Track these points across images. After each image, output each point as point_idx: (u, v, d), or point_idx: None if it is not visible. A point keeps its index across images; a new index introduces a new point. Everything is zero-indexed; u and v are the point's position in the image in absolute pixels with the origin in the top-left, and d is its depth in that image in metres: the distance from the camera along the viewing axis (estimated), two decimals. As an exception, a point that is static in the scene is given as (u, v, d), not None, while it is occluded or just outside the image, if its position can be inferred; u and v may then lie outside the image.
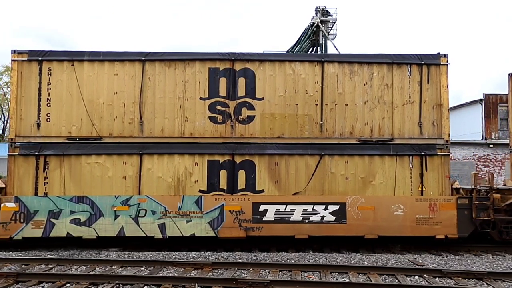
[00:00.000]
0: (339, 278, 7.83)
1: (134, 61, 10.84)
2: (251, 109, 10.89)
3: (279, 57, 10.95)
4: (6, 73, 45.69)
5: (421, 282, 7.69)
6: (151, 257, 9.34)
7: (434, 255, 10.44)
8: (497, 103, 27.82)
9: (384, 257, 9.70)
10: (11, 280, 7.38)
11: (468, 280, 7.77)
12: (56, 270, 8.28)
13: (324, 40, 30.96)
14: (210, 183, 10.73)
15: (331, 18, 30.96)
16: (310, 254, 9.98)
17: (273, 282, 7.18)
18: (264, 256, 9.58)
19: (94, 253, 10.14)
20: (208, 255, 9.68)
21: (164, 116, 10.81)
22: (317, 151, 10.80)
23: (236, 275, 7.84)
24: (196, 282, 7.27)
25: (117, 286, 7.29)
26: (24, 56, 10.72)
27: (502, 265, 9.12)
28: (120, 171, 10.64)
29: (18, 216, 10.33)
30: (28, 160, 10.54)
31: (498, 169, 26.53)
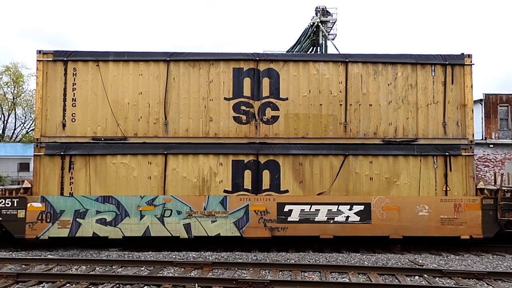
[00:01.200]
0: (339, 278, 7.91)
1: (158, 61, 10.99)
2: (275, 109, 11.02)
3: (303, 57, 11.09)
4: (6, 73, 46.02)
5: (421, 282, 7.76)
6: (151, 257, 9.42)
7: (434, 255, 10.54)
8: (497, 103, 27.88)
9: (384, 257, 9.80)
10: (11, 280, 7.44)
11: (468, 280, 7.85)
12: (56, 270, 8.36)
13: (324, 40, 31.11)
14: (235, 183, 10.87)
15: (331, 18, 31.12)
16: (310, 254, 10.07)
17: (273, 282, 7.24)
18: (264, 256, 9.67)
19: (94, 253, 10.24)
20: (208, 255, 9.76)
21: (189, 116, 10.95)
22: (341, 151, 10.93)
23: (236, 275, 7.91)
24: (196, 282, 7.33)
25: (117, 286, 7.34)
26: (49, 57, 10.88)
27: (502, 265, 9.21)
28: (145, 171, 10.78)
29: (44, 216, 10.49)
30: (54, 160, 10.69)
31: (498, 169, 26.66)
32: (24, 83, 47.20)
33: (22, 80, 46.32)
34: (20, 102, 45.49)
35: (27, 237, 10.42)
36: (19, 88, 45.08)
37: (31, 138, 48.00)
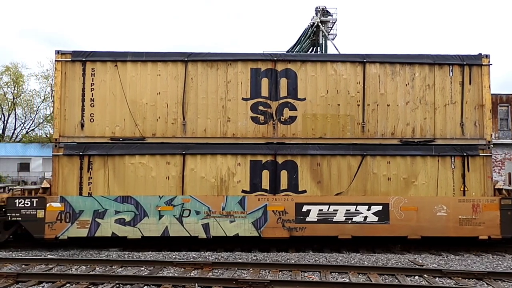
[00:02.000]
0: (339, 278, 7.95)
1: (176, 61, 11.09)
2: (293, 109, 11.12)
3: (320, 57, 11.19)
4: (6, 73, 46.22)
5: (421, 282, 7.79)
6: (151, 257, 9.47)
7: (434, 255, 10.60)
8: (497, 103, 27.98)
9: (384, 257, 9.86)
10: (11, 280, 7.48)
11: (468, 280, 7.88)
12: (56, 270, 8.40)
13: (324, 40, 31.27)
14: (253, 183, 10.97)
15: (331, 18, 31.27)
16: (310, 254, 10.14)
17: (273, 282, 7.28)
18: (264, 256, 9.72)
19: (94, 253, 10.31)
20: (208, 255, 9.82)
21: (207, 116, 11.06)
22: (359, 152, 11.02)
23: (236, 275, 7.95)
24: (196, 282, 7.36)
25: (117, 286, 7.38)
26: (68, 57, 10.98)
27: (502, 265, 9.26)
28: (163, 171, 10.89)
29: (63, 216, 10.60)
30: (73, 160, 10.81)
31: (498, 169, 26.81)
32: (24, 83, 47.48)
33: (22, 80, 46.56)
34: (20, 102, 45.73)
35: (46, 237, 10.53)
36: (19, 88, 45.37)
37: (31, 138, 48.29)
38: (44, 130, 49.67)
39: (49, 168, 43.44)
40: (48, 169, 44.18)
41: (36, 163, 44.35)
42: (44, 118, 48.86)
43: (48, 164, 43.73)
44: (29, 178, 39.77)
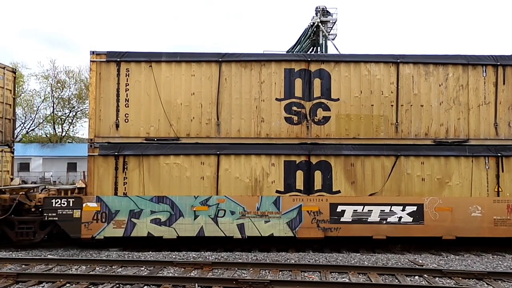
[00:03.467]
0: (339, 278, 8.07)
1: (210, 62, 11.32)
2: (327, 110, 11.36)
3: (354, 58, 11.39)
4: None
5: (421, 282, 7.91)
6: (151, 257, 9.61)
7: (434, 255, 10.76)
8: None
9: (384, 257, 10.02)
10: (11, 280, 7.60)
11: (468, 280, 8.00)
12: (56, 270, 8.52)
13: (324, 40, 31.55)
14: (287, 183, 11.19)
15: (331, 18, 31.53)
16: (310, 254, 10.30)
17: (273, 282, 7.39)
18: (264, 256, 9.87)
19: (94, 253, 10.50)
20: (208, 255, 9.97)
21: (241, 117, 11.30)
22: (393, 152, 11.23)
23: (236, 275, 8.06)
24: (196, 282, 7.47)
25: (117, 286, 7.49)
26: (103, 57, 11.25)
27: (502, 265, 9.40)
28: (198, 171, 11.13)
29: (99, 216, 10.86)
30: (108, 160, 11.06)
31: None
32: (24, 83, 47.83)
33: (22, 80, 46.89)
34: (20, 102, 46.10)
35: (83, 237, 10.78)
36: (19, 88, 45.67)
37: (31, 138, 48.67)
38: (44, 130, 50.22)
39: (49, 168, 43.94)
40: (48, 169, 44.60)
41: (36, 163, 44.73)
42: (44, 118, 49.33)
43: (48, 164, 44.15)
44: (29, 178, 40.15)
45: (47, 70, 49.54)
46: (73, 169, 44.44)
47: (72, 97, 48.57)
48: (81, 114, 50.76)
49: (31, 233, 10.93)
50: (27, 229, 10.92)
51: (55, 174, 43.75)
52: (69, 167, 44.88)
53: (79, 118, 50.68)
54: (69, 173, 43.84)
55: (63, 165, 44.78)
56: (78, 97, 48.95)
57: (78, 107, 49.80)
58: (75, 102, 49.10)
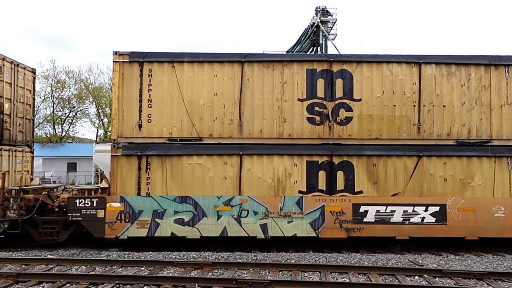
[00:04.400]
0: (339, 278, 8.16)
1: (233, 62, 11.49)
2: (349, 110, 11.54)
3: (376, 58, 11.57)
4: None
5: (421, 282, 7.99)
6: (151, 257, 9.73)
7: (434, 255, 10.90)
8: None
9: (384, 257, 10.14)
10: (11, 280, 7.67)
11: (468, 280, 8.08)
12: (56, 270, 8.60)
13: (324, 40, 31.82)
14: (309, 183, 11.36)
15: (331, 18, 31.80)
16: (310, 254, 10.42)
17: (273, 282, 7.46)
18: (264, 256, 9.98)
19: (94, 253, 10.64)
20: (208, 255, 10.08)
21: (263, 117, 11.46)
22: (415, 152, 11.37)
23: (236, 275, 8.14)
24: (196, 282, 7.54)
25: (117, 286, 7.56)
26: (125, 58, 11.44)
27: (502, 265, 9.51)
28: (221, 171, 11.30)
29: (123, 216, 11.05)
30: (131, 160, 11.25)
31: None
32: (24, 83, 48.02)
33: (23, 80, 47.10)
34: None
35: (106, 237, 10.95)
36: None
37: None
38: (44, 130, 50.46)
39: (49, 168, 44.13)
40: (48, 169, 44.77)
41: (36, 163, 44.80)
42: (44, 118, 49.58)
43: (48, 164, 44.33)
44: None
45: (47, 70, 49.85)
46: (73, 169, 44.66)
47: (72, 97, 48.82)
48: (81, 114, 50.98)
49: (55, 233, 11.12)
50: (51, 229, 11.10)
51: (55, 174, 43.94)
52: (69, 167, 45.08)
53: (79, 118, 50.92)
54: (69, 173, 44.06)
55: (63, 165, 44.99)
56: (78, 97, 49.18)
57: (78, 107, 50.02)
58: (75, 102, 49.33)
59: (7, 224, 10.90)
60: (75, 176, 42.95)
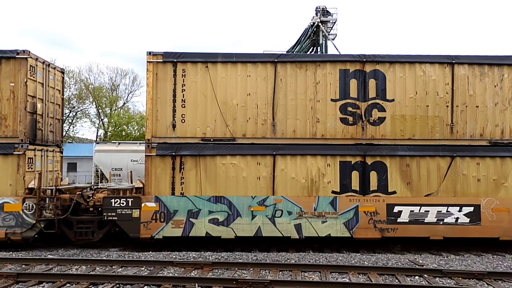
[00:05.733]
0: (339, 278, 8.28)
1: (266, 62, 11.71)
2: (382, 110, 11.76)
3: (409, 58, 11.78)
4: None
5: (421, 282, 8.12)
6: (151, 257, 9.87)
7: (435, 255, 11.07)
8: None
9: (384, 257, 10.30)
10: (11, 280, 7.77)
11: (468, 280, 8.22)
12: (56, 270, 8.71)
13: (324, 40, 32.10)
14: (343, 184, 11.56)
15: (331, 18, 32.08)
16: (310, 254, 10.59)
17: (273, 282, 7.57)
18: (264, 256, 10.14)
19: (94, 253, 10.80)
20: (208, 255, 10.23)
21: (296, 117, 11.69)
22: (448, 153, 11.55)
23: (236, 275, 8.25)
24: (196, 282, 7.65)
25: (117, 286, 7.67)
26: (159, 58, 11.69)
27: (502, 265, 9.66)
28: (254, 171, 11.52)
29: (158, 216, 11.28)
30: (165, 160, 11.48)
31: None
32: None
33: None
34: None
35: (142, 236, 11.18)
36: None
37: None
38: (44, 130, 50.69)
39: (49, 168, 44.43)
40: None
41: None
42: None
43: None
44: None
45: (47, 70, 50.02)
46: (73, 169, 44.90)
47: (72, 97, 49.07)
48: (81, 114, 51.24)
49: (90, 232, 11.38)
50: (86, 228, 11.37)
51: (55, 174, 44.25)
52: (69, 167, 45.30)
53: (79, 118, 51.12)
54: (69, 173, 44.36)
55: (63, 165, 45.33)
56: (78, 97, 49.41)
57: (78, 107, 50.25)
58: (75, 102, 49.60)
59: (43, 224, 11.16)
60: (75, 176, 43.19)
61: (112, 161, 21.20)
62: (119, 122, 41.72)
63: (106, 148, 22.07)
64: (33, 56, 11.77)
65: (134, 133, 42.67)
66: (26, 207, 11.07)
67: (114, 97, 48.97)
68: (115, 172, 21.04)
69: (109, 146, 22.58)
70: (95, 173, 26.55)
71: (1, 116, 11.32)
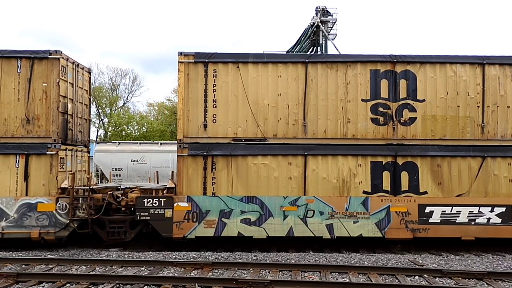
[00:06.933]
0: (339, 278, 8.37)
1: (297, 63, 11.92)
2: (413, 110, 11.92)
3: (439, 59, 11.96)
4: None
5: (421, 282, 8.21)
6: (151, 257, 9.99)
7: (434, 255, 11.21)
8: None
9: (384, 257, 10.42)
10: (11, 280, 7.84)
11: (468, 280, 8.31)
12: (56, 270, 8.80)
13: (324, 40, 32.34)
14: (374, 184, 11.72)
15: (331, 18, 32.35)
16: (310, 254, 10.72)
17: (273, 282, 7.65)
18: (264, 256, 10.27)
19: (94, 253, 10.94)
20: (208, 255, 10.36)
21: (327, 117, 11.87)
22: (479, 153, 11.70)
23: (236, 275, 8.34)
24: (196, 282, 7.74)
25: (117, 286, 7.75)
26: (191, 58, 11.91)
27: (502, 265, 9.78)
28: (285, 171, 11.69)
29: (190, 216, 11.48)
30: (197, 160, 11.67)
31: None
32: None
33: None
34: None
35: (174, 236, 11.36)
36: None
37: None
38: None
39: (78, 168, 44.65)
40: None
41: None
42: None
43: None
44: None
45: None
46: (74, 169, 45.10)
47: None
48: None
49: (122, 232, 11.60)
50: (118, 228, 11.59)
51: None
52: (69, 167, 45.57)
53: (79, 118, 51.45)
54: (69, 173, 44.59)
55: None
56: (78, 97, 49.73)
57: (78, 107, 50.58)
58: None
59: (76, 224, 11.38)
60: (75, 176, 43.35)
61: (112, 161, 21.36)
62: (119, 122, 42.01)
63: (106, 148, 22.23)
64: (64, 56, 12.00)
65: (134, 133, 42.92)
66: (60, 207, 11.29)
67: (114, 97, 49.23)
68: (115, 172, 21.26)
69: (109, 146, 22.73)
70: (95, 173, 26.85)
71: (34, 116, 11.54)
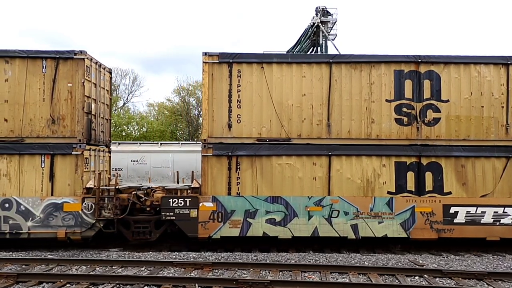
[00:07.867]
0: (339, 278, 8.45)
1: (321, 63, 12.04)
2: (437, 111, 12.06)
3: (463, 59, 12.08)
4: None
5: (421, 282, 8.28)
6: (152, 257, 10.07)
7: (435, 255, 11.30)
8: None
9: (385, 257, 10.51)
10: (11, 280, 7.90)
11: (468, 281, 8.37)
12: (56, 270, 8.86)
13: (325, 40, 32.55)
14: (398, 184, 11.82)
15: (331, 18, 32.57)
16: (311, 254, 10.81)
17: (273, 282, 7.71)
18: (265, 256, 10.35)
19: (94, 253, 11.03)
20: (208, 255, 10.44)
21: (351, 118, 12.00)
22: (504, 154, 11.77)
23: (236, 275, 8.41)
24: (196, 282, 7.79)
25: (118, 286, 7.80)
26: (215, 58, 12.06)
27: (502, 266, 9.85)
28: (310, 171, 11.84)
29: (215, 216, 11.61)
30: (221, 160, 11.82)
31: None
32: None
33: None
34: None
35: (200, 236, 11.49)
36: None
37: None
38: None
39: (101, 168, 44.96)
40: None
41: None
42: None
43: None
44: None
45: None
46: (74, 169, 45.25)
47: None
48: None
49: (147, 232, 11.75)
50: (143, 228, 11.75)
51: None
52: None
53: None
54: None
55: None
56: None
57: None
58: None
59: (102, 224, 11.54)
60: (75, 176, 43.54)
61: (112, 161, 21.50)
62: (119, 122, 42.21)
63: None
64: (89, 57, 12.17)
65: (134, 133, 43.13)
66: (85, 207, 11.44)
67: (114, 97, 49.44)
68: (115, 172, 21.37)
69: None
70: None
71: (59, 116, 11.70)
